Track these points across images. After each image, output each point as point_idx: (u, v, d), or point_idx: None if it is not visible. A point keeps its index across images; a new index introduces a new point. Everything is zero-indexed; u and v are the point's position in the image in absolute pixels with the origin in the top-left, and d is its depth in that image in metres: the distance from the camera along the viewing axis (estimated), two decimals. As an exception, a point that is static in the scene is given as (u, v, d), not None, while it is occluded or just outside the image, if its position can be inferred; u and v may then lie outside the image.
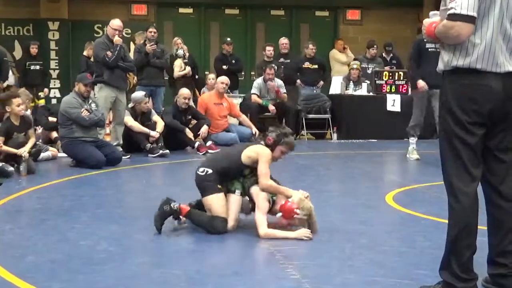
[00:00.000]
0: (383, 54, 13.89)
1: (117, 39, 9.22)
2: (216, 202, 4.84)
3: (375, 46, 13.33)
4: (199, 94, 12.10)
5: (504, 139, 3.35)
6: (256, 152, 4.86)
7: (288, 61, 12.82)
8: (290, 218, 4.73)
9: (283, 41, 13.05)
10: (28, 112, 9.49)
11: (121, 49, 9.30)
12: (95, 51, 9.39)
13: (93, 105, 8.45)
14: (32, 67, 12.77)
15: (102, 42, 9.30)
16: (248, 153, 4.89)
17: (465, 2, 3.12)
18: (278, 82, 12.00)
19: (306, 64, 13.00)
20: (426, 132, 11.83)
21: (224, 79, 11.07)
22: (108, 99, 9.16)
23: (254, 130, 11.11)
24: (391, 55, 13.90)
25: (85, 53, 12.44)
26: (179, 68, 11.78)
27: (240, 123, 11.42)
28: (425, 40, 3.52)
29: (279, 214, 4.73)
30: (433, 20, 3.40)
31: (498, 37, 3.23)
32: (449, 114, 3.31)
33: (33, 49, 12.83)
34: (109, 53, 9.11)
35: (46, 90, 13.21)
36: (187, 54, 12.01)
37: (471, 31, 3.18)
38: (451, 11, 3.16)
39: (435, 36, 3.32)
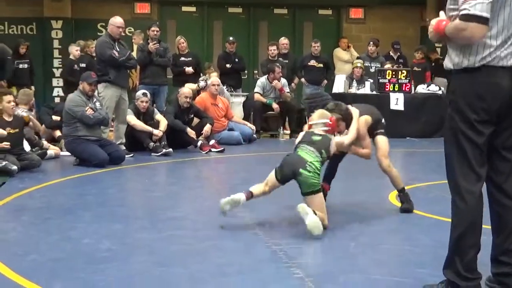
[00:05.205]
0: (391, 52, 13.87)
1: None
2: None
3: (371, 43, 13.34)
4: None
5: (510, 137, 3.33)
6: None
7: (287, 61, 12.79)
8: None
9: (284, 41, 13.04)
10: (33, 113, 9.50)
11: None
12: (99, 50, 9.34)
13: (97, 103, 8.47)
14: (21, 66, 12.26)
15: (106, 41, 9.27)
16: None
17: (479, 3, 3.06)
18: (282, 81, 11.98)
19: (312, 62, 12.99)
20: (429, 131, 11.86)
21: (216, 80, 11.01)
22: (113, 98, 9.13)
23: (253, 127, 11.19)
24: (399, 53, 13.87)
25: (71, 56, 12.15)
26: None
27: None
28: (430, 38, 3.45)
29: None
30: (442, 17, 3.36)
31: (510, 34, 3.20)
32: (457, 113, 3.27)
33: (22, 49, 12.30)
34: (115, 52, 9.09)
35: (32, 88, 12.82)
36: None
37: (485, 32, 3.12)
38: (465, 12, 3.09)
39: (444, 34, 3.27)
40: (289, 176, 4.90)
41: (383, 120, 5.76)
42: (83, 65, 11.55)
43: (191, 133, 9.74)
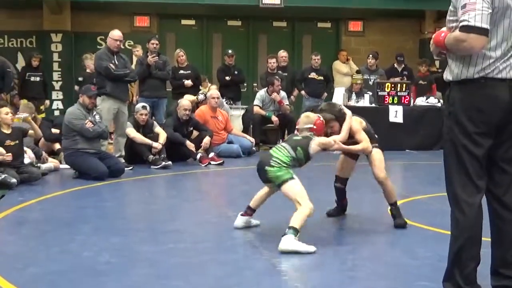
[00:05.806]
0: (395, 65, 13.86)
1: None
2: None
3: (370, 55, 13.38)
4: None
5: (509, 149, 3.34)
6: None
7: (286, 74, 12.81)
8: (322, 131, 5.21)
9: (283, 54, 13.09)
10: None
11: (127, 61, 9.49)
12: (96, 63, 9.40)
13: (97, 117, 8.48)
14: (32, 79, 12.45)
15: (105, 53, 9.32)
16: None
17: (478, 15, 3.09)
18: (282, 93, 11.99)
19: (312, 75, 13.03)
20: (428, 143, 11.87)
21: (215, 93, 11.01)
22: (111, 110, 9.17)
23: (252, 140, 11.20)
24: (403, 65, 13.86)
25: (88, 70, 12.01)
26: None
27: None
28: (432, 51, 3.47)
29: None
30: (441, 29, 3.38)
31: (509, 47, 3.23)
32: (456, 125, 3.29)
33: (35, 62, 12.51)
34: (111, 64, 9.12)
35: (47, 102, 12.94)
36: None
37: (485, 43, 3.14)
38: (464, 23, 3.11)
39: (444, 46, 3.29)
40: (264, 179, 5.03)
41: (373, 131, 5.80)
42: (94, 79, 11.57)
43: (190, 145, 9.75)
